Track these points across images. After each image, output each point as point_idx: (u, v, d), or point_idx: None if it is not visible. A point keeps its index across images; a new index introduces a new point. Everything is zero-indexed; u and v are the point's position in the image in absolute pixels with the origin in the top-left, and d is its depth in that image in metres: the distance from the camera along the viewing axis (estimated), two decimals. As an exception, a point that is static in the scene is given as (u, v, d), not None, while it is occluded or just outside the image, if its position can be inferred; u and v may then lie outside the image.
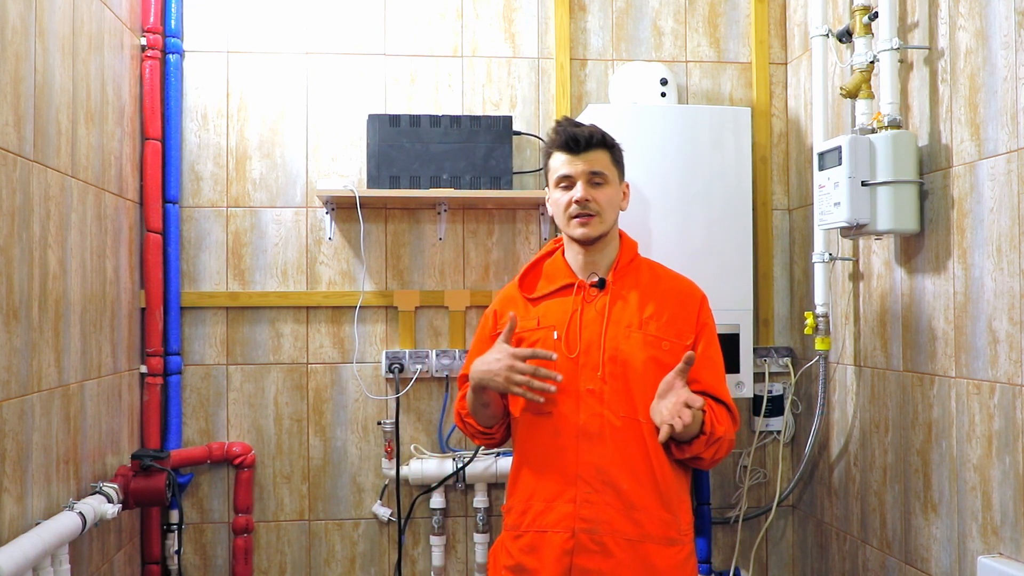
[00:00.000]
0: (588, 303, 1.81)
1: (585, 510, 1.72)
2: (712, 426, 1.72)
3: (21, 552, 1.62)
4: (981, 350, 1.87)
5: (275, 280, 2.65)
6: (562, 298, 1.83)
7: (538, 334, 1.81)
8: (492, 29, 2.74)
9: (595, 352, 1.76)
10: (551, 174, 1.83)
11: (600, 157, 1.80)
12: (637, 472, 1.73)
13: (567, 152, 1.80)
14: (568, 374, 1.74)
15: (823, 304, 2.46)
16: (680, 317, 1.82)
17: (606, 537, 1.71)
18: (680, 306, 1.83)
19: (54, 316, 1.94)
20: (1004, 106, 1.79)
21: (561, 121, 1.84)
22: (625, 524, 1.72)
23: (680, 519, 1.77)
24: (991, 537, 1.84)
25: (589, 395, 1.75)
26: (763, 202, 2.78)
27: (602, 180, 1.80)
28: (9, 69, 1.73)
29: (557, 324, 1.80)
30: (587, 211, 1.78)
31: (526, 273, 1.91)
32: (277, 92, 2.67)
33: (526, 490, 1.79)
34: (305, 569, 2.65)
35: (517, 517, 1.79)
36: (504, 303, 1.91)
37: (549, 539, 1.73)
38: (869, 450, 2.34)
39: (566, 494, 1.73)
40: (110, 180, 2.32)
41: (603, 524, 1.71)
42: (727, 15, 2.83)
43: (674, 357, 1.76)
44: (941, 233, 2.01)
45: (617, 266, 1.84)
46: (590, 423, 1.74)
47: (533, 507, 1.76)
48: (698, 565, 2.70)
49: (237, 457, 2.58)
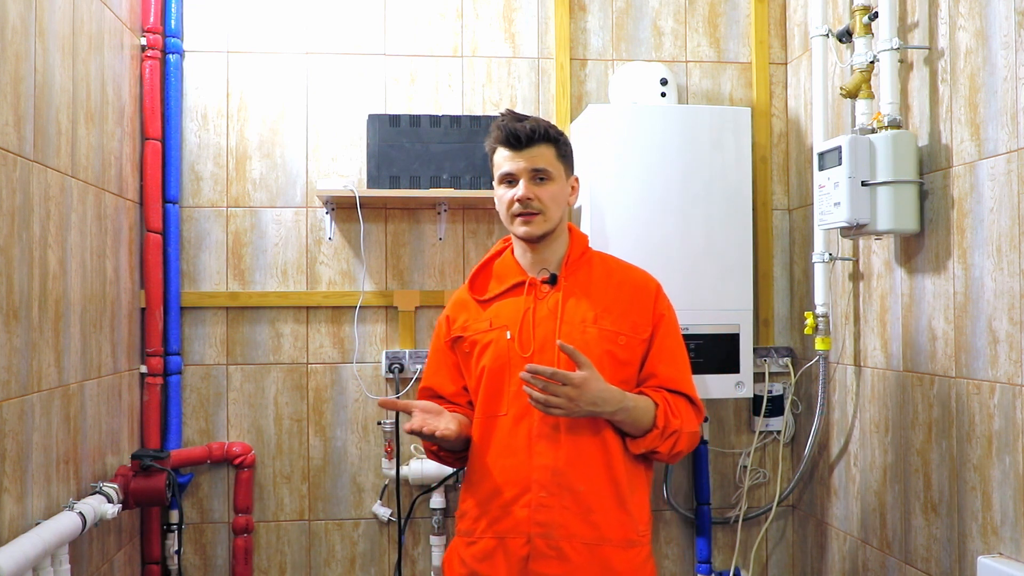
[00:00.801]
0: (540, 300, 1.76)
1: (541, 514, 1.68)
2: (666, 419, 1.70)
3: (21, 552, 1.62)
4: (981, 350, 1.87)
5: (275, 280, 2.65)
6: (514, 297, 1.79)
7: (491, 335, 1.76)
8: (492, 29, 2.74)
9: (549, 350, 1.71)
10: (494, 170, 1.79)
11: (543, 153, 1.74)
12: (593, 473, 1.69)
13: (509, 148, 1.74)
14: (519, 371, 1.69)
15: (823, 304, 2.46)
16: (635, 310, 1.78)
17: (563, 542, 1.67)
18: (634, 298, 1.79)
19: (54, 316, 1.94)
20: (1004, 106, 1.79)
21: (504, 115, 1.77)
22: (582, 527, 1.68)
23: (638, 520, 1.73)
24: (991, 537, 1.84)
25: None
26: (763, 202, 2.78)
27: (545, 176, 1.74)
28: (9, 69, 1.73)
29: (510, 324, 1.76)
30: (530, 209, 1.73)
31: (476, 275, 1.87)
32: (277, 92, 2.67)
33: (480, 494, 1.74)
34: (305, 569, 2.65)
35: (471, 523, 1.75)
36: (456, 308, 1.87)
37: (505, 546, 1.69)
38: (869, 450, 2.34)
39: (521, 499, 1.69)
40: (110, 180, 2.32)
41: (559, 528, 1.67)
42: (727, 15, 2.83)
43: (631, 352, 1.75)
44: (941, 233, 2.01)
45: (568, 261, 1.80)
46: (545, 425, 1.69)
47: (488, 512, 1.72)
48: (698, 565, 2.72)
49: (237, 457, 2.58)
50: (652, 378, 1.76)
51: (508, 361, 1.73)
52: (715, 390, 2.50)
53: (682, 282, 2.46)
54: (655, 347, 1.78)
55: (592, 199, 2.47)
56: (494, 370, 1.74)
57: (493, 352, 1.75)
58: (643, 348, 1.78)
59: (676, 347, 1.81)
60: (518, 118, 1.76)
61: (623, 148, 2.47)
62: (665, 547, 2.77)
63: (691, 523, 2.76)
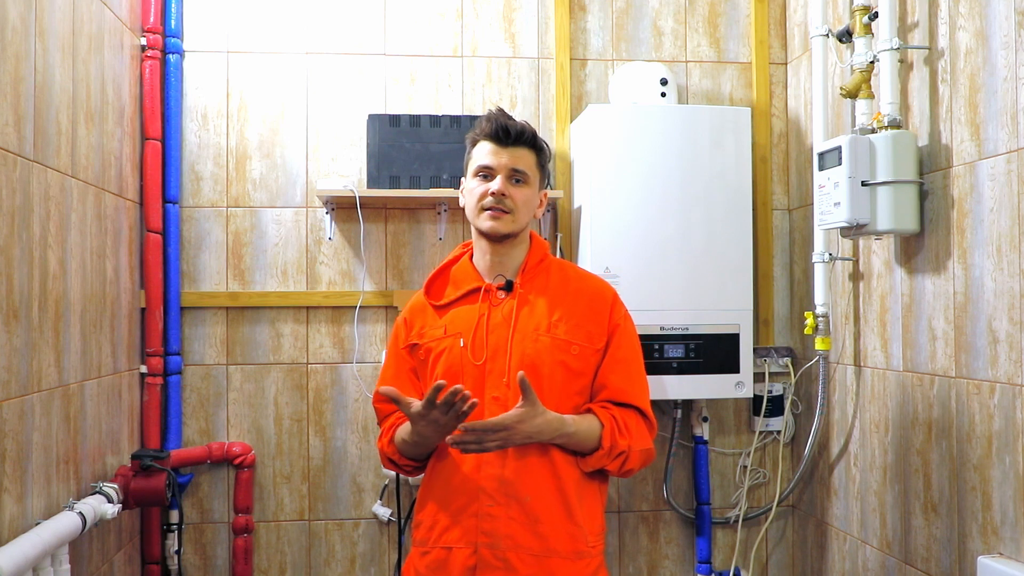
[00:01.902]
0: (495, 307, 1.74)
1: (487, 524, 1.65)
2: (612, 440, 1.67)
3: (21, 552, 1.62)
4: (981, 350, 1.87)
5: (275, 280, 2.65)
6: (469, 304, 1.76)
7: (445, 342, 1.73)
8: (492, 29, 2.74)
9: (501, 358, 1.69)
10: (471, 163, 1.77)
11: (525, 156, 1.74)
12: (541, 484, 1.66)
13: (494, 142, 1.72)
14: (475, 382, 1.68)
15: (823, 304, 2.46)
16: (590, 319, 1.74)
17: (509, 552, 1.64)
18: (590, 307, 1.75)
19: (54, 316, 1.94)
20: (1004, 106, 1.79)
21: (494, 111, 1.76)
22: (529, 538, 1.65)
23: (588, 531, 1.70)
24: (991, 537, 1.84)
25: (494, 403, 1.67)
26: (763, 202, 2.78)
27: (523, 179, 1.73)
28: (9, 69, 1.73)
29: (464, 331, 1.72)
30: (501, 206, 1.71)
31: (433, 279, 1.84)
32: (277, 92, 2.67)
33: (433, 504, 1.72)
34: (305, 569, 2.65)
35: (425, 532, 1.73)
36: (413, 312, 1.83)
37: (453, 556, 1.67)
38: (869, 450, 2.34)
39: (470, 508, 1.67)
40: (110, 180, 2.32)
41: (505, 539, 1.64)
42: (727, 15, 2.83)
43: (584, 362, 1.71)
44: (941, 233, 2.01)
45: (525, 268, 1.77)
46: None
47: (439, 522, 1.70)
48: (698, 565, 2.72)
49: (237, 457, 2.58)
50: (604, 390, 1.73)
51: (461, 370, 1.70)
52: (715, 390, 2.50)
53: (682, 282, 2.47)
54: (608, 357, 1.74)
55: (592, 199, 2.47)
56: (448, 379, 1.66)
57: (446, 360, 1.72)
58: (597, 358, 1.74)
59: (630, 358, 1.77)
60: (508, 116, 1.76)
61: (623, 148, 2.47)
62: (665, 547, 2.77)
63: (691, 523, 2.76)
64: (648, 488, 2.77)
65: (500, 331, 1.71)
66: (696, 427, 2.73)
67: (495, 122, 1.73)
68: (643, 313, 2.44)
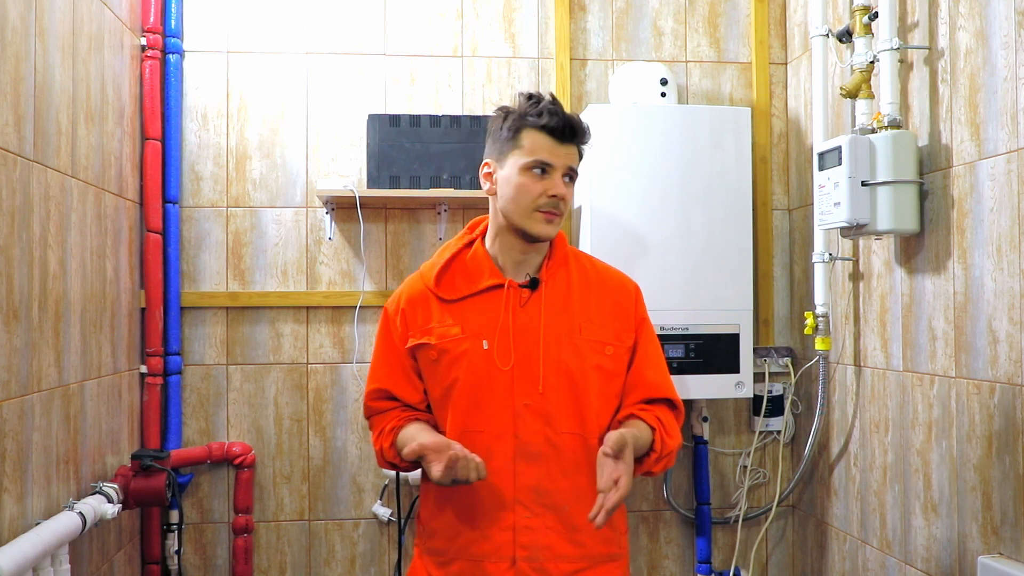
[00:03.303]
0: (520, 307, 1.62)
1: (524, 537, 1.58)
2: (662, 442, 1.61)
3: (21, 552, 1.62)
4: (981, 350, 1.87)
5: (275, 280, 2.65)
6: (486, 300, 1.63)
7: (464, 345, 1.61)
8: (492, 29, 2.74)
9: (533, 363, 1.60)
10: (523, 153, 1.58)
11: (575, 153, 1.63)
12: (581, 492, 1.59)
13: (552, 137, 1.58)
14: (502, 389, 1.59)
15: (823, 304, 2.46)
16: (618, 316, 1.67)
17: (548, 563, 1.58)
18: (616, 304, 1.69)
19: (54, 316, 1.94)
20: (1004, 106, 1.79)
21: (546, 98, 1.61)
22: (567, 547, 1.59)
23: (620, 532, 1.68)
24: (991, 537, 1.84)
25: (527, 411, 1.59)
26: (763, 202, 2.78)
27: (574, 178, 1.63)
28: (9, 69, 1.73)
29: (485, 332, 1.61)
30: (558, 210, 1.60)
31: (443, 270, 1.67)
32: (277, 92, 2.67)
33: (455, 513, 1.63)
34: (305, 569, 2.65)
35: (444, 543, 1.64)
36: (413, 304, 1.67)
37: (485, 569, 1.59)
38: (869, 450, 2.34)
39: (503, 521, 1.59)
40: (110, 180, 2.32)
41: (544, 550, 1.58)
42: (727, 15, 2.83)
43: (618, 363, 1.65)
44: (941, 233, 2.01)
45: (550, 263, 1.66)
46: (529, 442, 1.59)
47: (463, 533, 1.61)
48: (698, 565, 2.72)
49: (237, 457, 2.58)
50: (639, 388, 1.67)
51: (487, 376, 1.60)
52: (715, 390, 2.50)
53: (682, 282, 2.47)
54: (640, 354, 1.68)
55: (592, 199, 2.47)
56: (470, 384, 1.61)
57: (468, 364, 1.61)
58: (628, 357, 1.68)
59: (658, 351, 1.72)
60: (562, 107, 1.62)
61: (623, 148, 2.47)
62: (665, 547, 2.77)
63: (691, 523, 2.76)
64: (648, 488, 2.77)
65: (528, 334, 1.61)
66: (696, 427, 2.73)
67: (557, 114, 1.58)
68: (643, 313, 2.45)
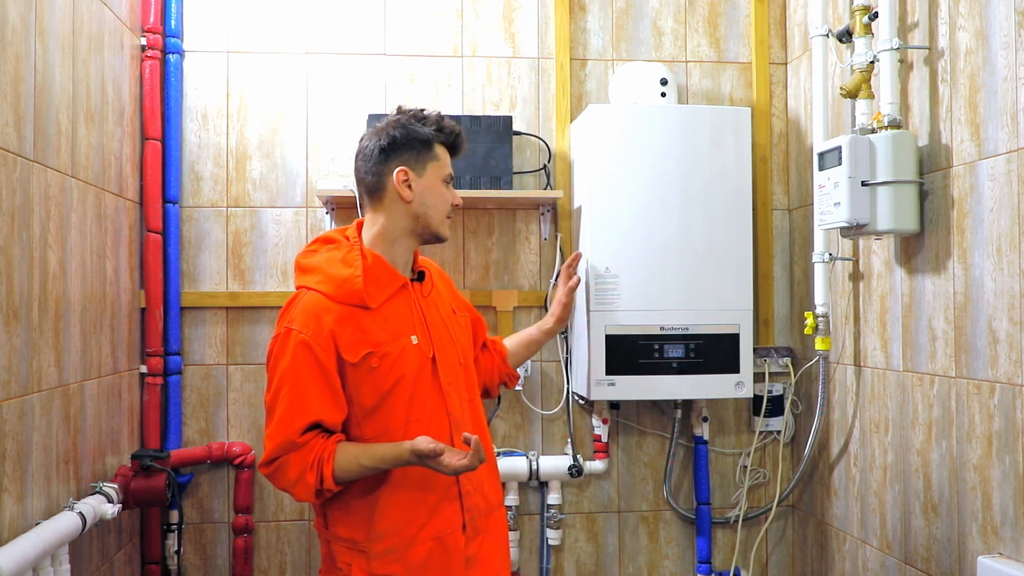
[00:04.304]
0: (423, 298, 1.81)
1: (468, 500, 1.74)
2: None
3: (21, 552, 1.62)
4: (981, 350, 1.87)
5: (275, 280, 2.65)
6: (398, 300, 1.75)
7: (399, 344, 1.70)
8: (492, 29, 2.74)
9: (447, 346, 1.79)
10: (438, 166, 1.79)
11: None
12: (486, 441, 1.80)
13: (453, 152, 1.83)
14: (430, 375, 1.73)
15: (823, 304, 2.46)
16: (451, 291, 1.97)
17: (479, 519, 1.76)
18: (446, 281, 1.97)
19: (54, 316, 1.94)
20: (1004, 106, 1.79)
21: (442, 116, 1.81)
22: (489, 492, 1.80)
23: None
24: (991, 537, 1.84)
25: (451, 388, 1.76)
26: (763, 202, 2.78)
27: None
28: (9, 69, 1.73)
29: (406, 328, 1.73)
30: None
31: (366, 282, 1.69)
32: (277, 92, 2.67)
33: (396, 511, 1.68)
34: (305, 569, 2.65)
35: (393, 541, 1.67)
36: (341, 323, 1.67)
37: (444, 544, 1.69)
38: (869, 450, 2.34)
39: (450, 492, 1.72)
40: (110, 180, 2.32)
41: (480, 506, 1.76)
42: (727, 15, 2.83)
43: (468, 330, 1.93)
44: (941, 233, 2.01)
45: (416, 258, 1.87)
46: (458, 415, 1.76)
47: (415, 521, 1.68)
48: (698, 565, 2.72)
49: (237, 457, 2.58)
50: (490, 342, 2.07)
51: (421, 366, 1.73)
52: (715, 390, 2.50)
53: (682, 282, 2.47)
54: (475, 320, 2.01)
55: (592, 199, 2.47)
56: (410, 377, 1.70)
57: (407, 360, 1.70)
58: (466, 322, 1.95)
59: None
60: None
61: (623, 148, 2.47)
62: (665, 547, 2.77)
63: (691, 523, 2.76)
64: (648, 488, 2.77)
65: (434, 322, 1.79)
66: (696, 427, 2.73)
67: (456, 134, 1.82)
68: (643, 313, 2.45)
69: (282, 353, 1.67)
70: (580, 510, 2.74)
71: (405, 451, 1.62)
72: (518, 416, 2.72)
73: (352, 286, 1.69)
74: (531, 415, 2.72)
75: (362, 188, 1.80)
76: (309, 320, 1.67)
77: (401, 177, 1.75)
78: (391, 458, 1.65)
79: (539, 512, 2.72)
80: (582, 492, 2.74)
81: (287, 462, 1.64)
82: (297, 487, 1.65)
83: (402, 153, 1.76)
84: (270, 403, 1.68)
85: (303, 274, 1.76)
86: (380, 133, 1.77)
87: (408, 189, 1.75)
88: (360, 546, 1.69)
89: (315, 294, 1.69)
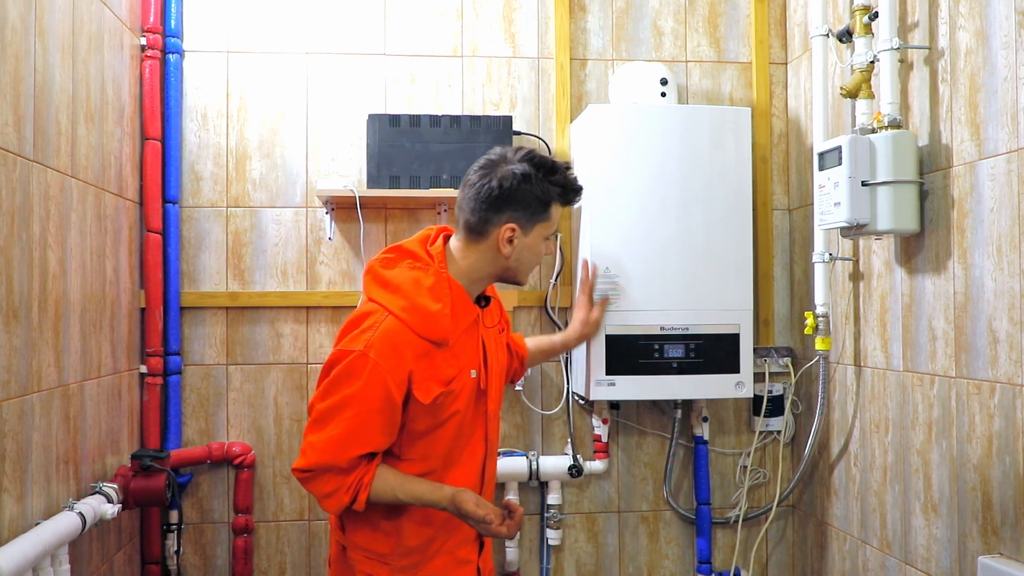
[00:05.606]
0: (487, 328, 1.78)
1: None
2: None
3: (21, 552, 1.63)
4: (981, 350, 1.87)
5: (275, 280, 2.65)
6: (466, 333, 1.71)
7: (463, 378, 1.68)
8: (492, 29, 2.74)
9: (497, 376, 1.80)
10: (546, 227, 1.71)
11: None
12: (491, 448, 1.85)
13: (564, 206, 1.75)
14: (477, 402, 1.73)
15: (823, 304, 2.46)
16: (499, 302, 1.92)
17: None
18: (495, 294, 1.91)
19: (54, 316, 1.94)
20: (1004, 106, 1.79)
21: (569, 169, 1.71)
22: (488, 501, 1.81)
23: None
24: (991, 537, 1.84)
25: (493, 415, 1.78)
26: (763, 202, 2.78)
27: None
28: (9, 69, 1.73)
29: (472, 363, 1.70)
30: None
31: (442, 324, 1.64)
32: (277, 92, 2.67)
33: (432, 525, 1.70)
34: (305, 569, 2.65)
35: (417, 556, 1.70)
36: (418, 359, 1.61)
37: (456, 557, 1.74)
38: (869, 450, 2.34)
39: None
40: (110, 180, 2.32)
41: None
42: (727, 15, 2.83)
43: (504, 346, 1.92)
44: (941, 233, 2.01)
45: None
46: (494, 440, 1.81)
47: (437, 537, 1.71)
48: (698, 565, 2.72)
49: (237, 457, 2.58)
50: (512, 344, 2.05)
51: (475, 398, 1.72)
52: (715, 390, 2.50)
53: (682, 282, 2.47)
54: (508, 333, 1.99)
55: (592, 199, 2.46)
56: (464, 411, 1.69)
57: (466, 395, 1.69)
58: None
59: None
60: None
61: (623, 148, 2.47)
62: (665, 547, 2.77)
63: (691, 523, 2.76)
64: (648, 488, 2.77)
65: (492, 351, 1.78)
66: (696, 427, 2.73)
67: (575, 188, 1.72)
68: (643, 313, 2.45)
69: (354, 377, 1.58)
70: (580, 510, 2.74)
71: (444, 499, 1.62)
72: (518, 416, 2.72)
73: (439, 324, 1.62)
74: (531, 415, 2.72)
75: (462, 219, 1.70)
76: (389, 352, 1.58)
77: (507, 234, 1.67)
78: (428, 501, 1.64)
79: (539, 512, 2.73)
80: (582, 492, 2.74)
81: (326, 476, 1.61)
82: (328, 501, 1.62)
83: (517, 209, 1.66)
84: (323, 414, 1.60)
85: (383, 290, 1.65)
86: (500, 176, 1.65)
87: (509, 245, 1.68)
88: (384, 558, 1.70)
89: (398, 323, 1.60)
